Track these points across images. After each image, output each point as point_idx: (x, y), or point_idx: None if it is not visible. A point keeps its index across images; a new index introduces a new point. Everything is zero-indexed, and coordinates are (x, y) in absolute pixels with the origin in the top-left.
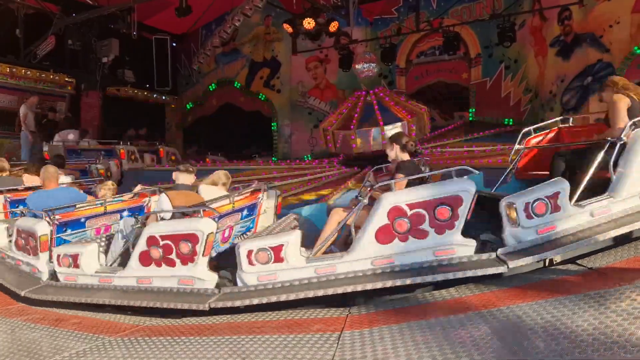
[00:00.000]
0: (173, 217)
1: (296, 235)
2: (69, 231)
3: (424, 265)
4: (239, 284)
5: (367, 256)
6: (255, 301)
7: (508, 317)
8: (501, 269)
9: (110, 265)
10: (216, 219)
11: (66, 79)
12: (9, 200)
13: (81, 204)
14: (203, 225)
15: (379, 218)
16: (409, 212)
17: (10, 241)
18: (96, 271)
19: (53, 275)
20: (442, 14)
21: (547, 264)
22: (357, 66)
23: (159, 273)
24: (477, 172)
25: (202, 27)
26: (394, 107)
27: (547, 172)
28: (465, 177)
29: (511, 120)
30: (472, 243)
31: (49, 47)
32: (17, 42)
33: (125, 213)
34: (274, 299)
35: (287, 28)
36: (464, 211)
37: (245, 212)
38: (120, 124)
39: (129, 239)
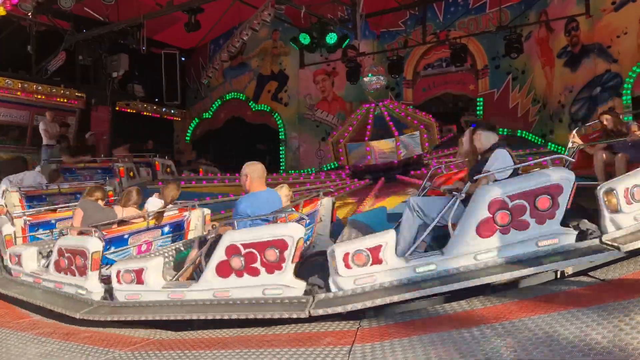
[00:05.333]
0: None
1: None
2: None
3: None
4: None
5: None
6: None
7: (520, 329)
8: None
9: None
10: (305, 222)
11: (76, 94)
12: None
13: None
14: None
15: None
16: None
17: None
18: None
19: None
20: (449, 26)
21: (558, 276)
22: (364, 79)
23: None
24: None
25: (210, 41)
26: (406, 118)
27: None
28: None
29: (523, 132)
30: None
31: (59, 63)
32: (29, 58)
33: (166, 229)
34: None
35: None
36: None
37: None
38: (130, 138)
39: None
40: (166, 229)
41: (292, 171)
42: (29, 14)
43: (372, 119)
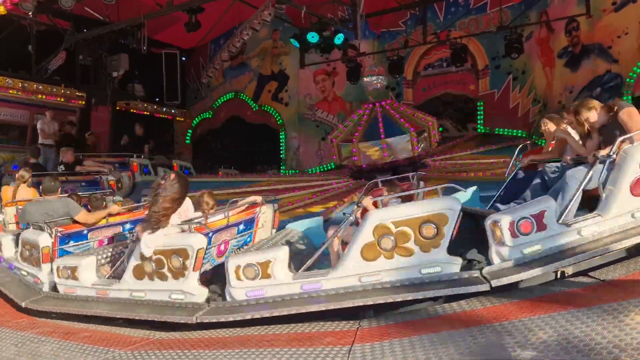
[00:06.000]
0: None
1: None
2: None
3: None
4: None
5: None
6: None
7: (520, 330)
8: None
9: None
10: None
11: (77, 94)
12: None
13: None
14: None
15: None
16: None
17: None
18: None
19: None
20: (449, 26)
21: (558, 276)
22: (365, 79)
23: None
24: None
25: (210, 41)
26: (399, 120)
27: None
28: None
29: (523, 132)
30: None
31: (59, 62)
32: (29, 57)
33: (127, 225)
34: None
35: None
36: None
37: (242, 227)
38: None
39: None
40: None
41: (292, 171)
42: (30, 13)
43: (366, 120)
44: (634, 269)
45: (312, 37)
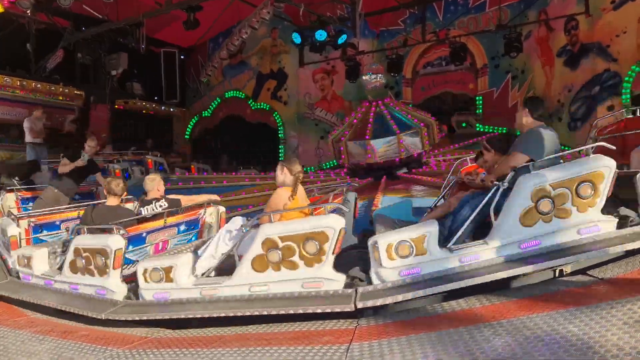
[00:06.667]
0: None
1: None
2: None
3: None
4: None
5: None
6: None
7: (518, 328)
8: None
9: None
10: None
11: (75, 92)
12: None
13: None
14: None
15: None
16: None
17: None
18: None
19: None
20: (449, 25)
21: (557, 275)
22: (364, 77)
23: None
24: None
25: (209, 40)
26: (407, 115)
27: None
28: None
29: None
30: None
31: (57, 60)
32: (28, 56)
33: (182, 227)
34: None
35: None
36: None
37: (183, 227)
38: (129, 136)
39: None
40: (182, 227)
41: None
42: (28, 11)
43: (373, 117)
44: (632, 268)
45: (320, 35)
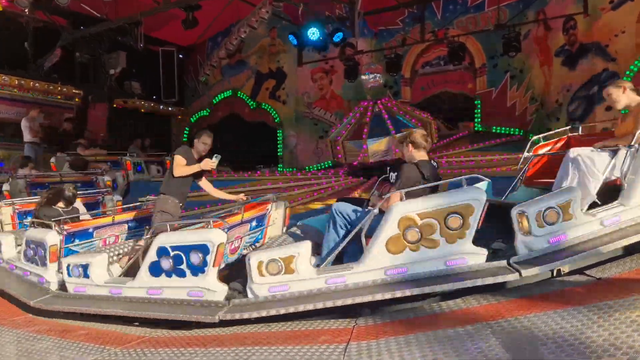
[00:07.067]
0: None
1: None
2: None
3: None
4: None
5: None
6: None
7: (516, 328)
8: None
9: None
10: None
11: (74, 91)
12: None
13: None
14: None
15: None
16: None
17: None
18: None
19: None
20: (447, 24)
21: (555, 274)
22: (362, 77)
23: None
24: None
25: (208, 39)
26: (403, 116)
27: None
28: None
29: (520, 130)
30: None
31: (54, 59)
32: (26, 55)
33: (253, 223)
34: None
35: None
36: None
37: (254, 223)
38: (127, 135)
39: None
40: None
41: (290, 169)
42: (26, 10)
43: (370, 117)
44: (630, 267)
45: (313, 34)
